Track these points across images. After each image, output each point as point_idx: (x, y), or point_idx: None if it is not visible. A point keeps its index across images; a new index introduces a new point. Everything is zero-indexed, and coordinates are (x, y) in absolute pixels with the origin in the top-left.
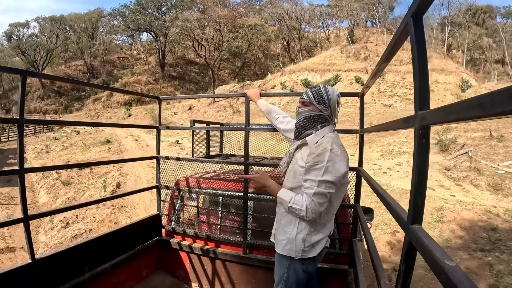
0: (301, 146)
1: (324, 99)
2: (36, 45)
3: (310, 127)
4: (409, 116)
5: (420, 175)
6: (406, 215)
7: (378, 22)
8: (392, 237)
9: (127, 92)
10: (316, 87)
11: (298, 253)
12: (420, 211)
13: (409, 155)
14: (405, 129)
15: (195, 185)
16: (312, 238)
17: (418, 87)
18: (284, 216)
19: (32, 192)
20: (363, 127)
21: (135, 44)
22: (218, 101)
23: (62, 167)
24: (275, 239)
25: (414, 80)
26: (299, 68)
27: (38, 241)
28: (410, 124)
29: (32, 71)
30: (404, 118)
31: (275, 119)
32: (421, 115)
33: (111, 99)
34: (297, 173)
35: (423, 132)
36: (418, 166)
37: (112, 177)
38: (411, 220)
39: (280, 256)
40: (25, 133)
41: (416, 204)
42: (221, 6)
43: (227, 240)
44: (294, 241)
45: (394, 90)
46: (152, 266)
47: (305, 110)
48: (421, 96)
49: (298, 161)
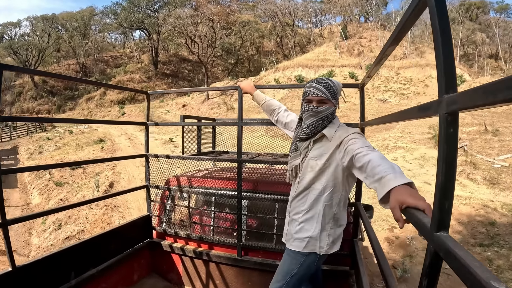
0: (315, 142)
1: (335, 93)
2: (28, 44)
3: (326, 124)
4: (429, 102)
5: (447, 173)
6: (428, 220)
7: (371, 18)
8: (390, 233)
9: (114, 87)
10: (323, 81)
11: (323, 249)
12: (447, 216)
13: (404, 150)
14: (423, 118)
15: (186, 184)
16: (335, 232)
17: (443, 66)
18: (305, 213)
19: (25, 194)
20: (363, 120)
21: (128, 42)
22: (211, 98)
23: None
24: (291, 238)
25: (437, 58)
26: (293, 64)
27: (31, 243)
28: (432, 111)
29: (9, 64)
30: (423, 105)
31: (276, 113)
32: (448, 99)
33: (104, 98)
34: (315, 168)
35: (451, 120)
36: (445, 161)
37: (105, 177)
38: (436, 226)
39: (293, 252)
40: (18, 134)
41: (442, 207)
42: (214, 3)
43: (221, 241)
44: (318, 238)
45: (388, 85)
46: (144, 269)
47: (325, 108)
48: (447, 76)
49: (314, 156)
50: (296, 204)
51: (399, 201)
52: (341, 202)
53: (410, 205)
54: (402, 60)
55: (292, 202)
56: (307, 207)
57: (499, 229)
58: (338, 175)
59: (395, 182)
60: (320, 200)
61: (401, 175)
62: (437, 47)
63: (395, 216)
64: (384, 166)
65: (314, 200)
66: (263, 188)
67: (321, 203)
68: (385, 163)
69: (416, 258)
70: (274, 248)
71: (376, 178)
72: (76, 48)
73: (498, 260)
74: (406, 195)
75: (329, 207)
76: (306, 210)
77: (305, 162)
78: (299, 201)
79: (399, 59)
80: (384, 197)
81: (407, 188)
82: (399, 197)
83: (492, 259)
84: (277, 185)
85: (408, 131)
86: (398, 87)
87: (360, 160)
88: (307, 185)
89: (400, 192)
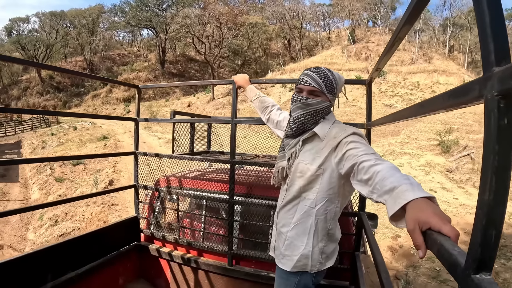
0: (305, 142)
1: (334, 87)
2: (36, 40)
3: (317, 121)
4: (468, 82)
5: (498, 187)
6: (461, 255)
7: (380, 22)
8: (393, 242)
9: (105, 79)
10: (321, 70)
11: (315, 267)
12: (492, 251)
13: (410, 156)
14: (457, 107)
15: (177, 185)
16: (329, 248)
17: (490, 25)
18: (294, 227)
19: (25, 188)
20: (370, 120)
21: (136, 41)
22: (217, 98)
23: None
24: (280, 254)
25: (479, 17)
26: (300, 67)
27: (26, 238)
28: (472, 95)
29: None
30: (458, 88)
31: (268, 111)
32: (501, 74)
33: (110, 96)
34: (306, 173)
35: (506, 105)
36: (495, 170)
37: (105, 174)
38: (475, 265)
39: (285, 273)
40: (23, 128)
41: (487, 237)
42: (222, 3)
43: (211, 248)
44: (310, 255)
45: (395, 90)
46: (130, 274)
47: (316, 102)
48: (495, 41)
49: (304, 159)
50: (284, 215)
51: (421, 220)
52: (337, 215)
53: (433, 227)
54: (409, 66)
55: (280, 212)
56: (297, 220)
57: (506, 241)
58: (334, 183)
59: (413, 194)
60: (312, 213)
61: (419, 187)
62: (481, 6)
63: (416, 242)
64: (397, 176)
65: (305, 212)
66: (258, 193)
67: (313, 217)
68: (398, 174)
69: (420, 269)
70: (268, 258)
71: (386, 189)
72: (84, 45)
73: (504, 273)
74: (429, 213)
75: (323, 221)
76: (296, 223)
77: (293, 165)
78: (287, 212)
79: (406, 64)
80: (397, 213)
81: (428, 202)
82: (420, 214)
83: (498, 271)
84: (273, 190)
85: (414, 137)
86: (405, 92)
87: (367, 171)
88: (297, 194)
89: (421, 207)
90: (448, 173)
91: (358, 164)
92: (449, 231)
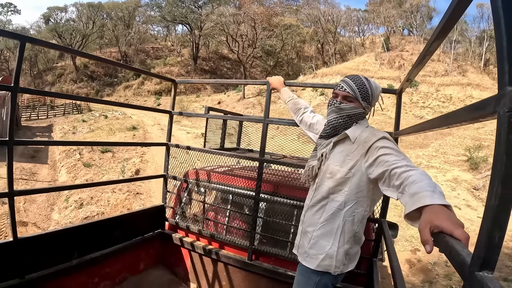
0: (337, 143)
1: (368, 95)
2: (73, 29)
3: (349, 126)
4: (485, 98)
5: (504, 194)
6: (468, 255)
7: (415, 31)
8: (412, 255)
9: (141, 71)
10: (358, 78)
11: (338, 268)
12: (495, 252)
13: (437, 170)
14: (475, 121)
15: (205, 178)
16: (353, 250)
17: (506, 48)
18: (321, 227)
19: (53, 171)
20: (398, 129)
21: (170, 36)
22: (247, 97)
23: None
24: (304, 253)
25: (497, 39)
26: (332, 71)
27: (51, 218)
28: (488, 110)
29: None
30: (476, 104)
31: (301, 113)
32: (511, 93)
33: (142, 88)
34: (336, 175)
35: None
36: (502, 179)
37: (133, 163)
38: (479, 263)
39: (308, 270)
40: (55, 113)
41: (491, 239)
42: (257, 3)
43: (232, 242)
44: (334, 256)
45: (427, 102)
46: (151, 260)
47: (349, 107)
48: (511, 62)
49: (335, 161)
50: (311, 215)
51: (433, 223)
52: (364, 219)
53: (445, 231)
54: (443, 77)
55: (307, 211)
56: (324, 220)
57: None
58: (363, 187)
59: (431, 200)
60: (340, 214)
61: (440, 195)
62: (498, 22)
63: (423, 238)
64: (424, 183)
65: (332, 213)
66: (283, 192)
67: (341, 218)
68: (426, 181)
69: (436, 286)
70: (287, 256)
71: (410, 193)
72: (119, 37)
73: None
74: (443, 218)
75: (350, 223)
76: (323, 223)
77: (324, 165)
78: (315, 212)
79: (440, 75)
80: (412, 213)
81: (443, 209)
82: (433, 217)
83: None
84: (298, 191)
85: (443, 151)
86: (436, 104)
87: (399, 177)
88: (326, 195)
89: (436, 212)
90: (474, 191)
91: (390, 171)
92: (460, 234)
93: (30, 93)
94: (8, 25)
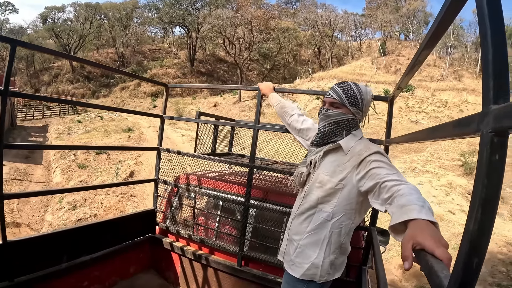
0: (328, 152)
1: (357, 100)
2: (70, 29)
3: (339, 133)
4: (469, 115)
5: (483, 217)
6: (446, 278)
7: (411, 36)
8: None
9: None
10: (345, 84)
11: (323, 277)
12: (473, 277)
13: (432, 174)
14: (459, 137)
15: (195, 183)
16: (339, 260)
17: (492, 63)
18: (308, 236)
19: (48, 171)
20: (389, 137)
21: (167, 37)
22: (243, 100)
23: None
24: (290, 260)
25: (483, 54)
26: (328, 75)
27: (44, 219)
28: (472, 128)
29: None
30: (460, 120)
31: (289, 116)
32: (497, 112)
33: (138, 89)
34: (326, 185)
35: (499, 142)
36: (482, 201)
37: (127, 165)
38: None
39: (294, 279)
40: (50, 113)
41: (469, 264)
42: (255, 6)
43: (222, 247)
44: (320, 266)
45: (423, 107)
46: (141, 264)
47: (336, 113)
48: (496, 78)
49: (325, 170)
50: (298, 223)
51: (415, 239)
52: (351, 230)
53: (427, 249)
54: (439, 82)
55: (294, 219)
56: (311, 230)
57: None
58: (352, 199)
59: (418, 214)
60: (327, 225)
61: (428, 211)
62: (485, 38)
63: (404, 253)
64: (414, 197)
65: (320, 224)
66: (273, 199)
67: (328, 229)
68: (416, 195)
69: None
70: (276, 263)
71: (398, 205)
72: (116, 38)
73: None
74: (426, 235)
75: (337, 235)
76: (310, 233)
77: (314, 174)
78: (302, 220)
79: (436, 80)
80: (397, 225)
81: (429, 226)
82: (417, 234)
83: None
84: (288, 197)
85: (437, 156)
86: (432, 109)
87: (388, 191)
88: (314, 204)
89: (420, 228)
90: (469, 196)
91: (381, 184)
92: (441, 254)
93: (20, 97)
94: (5, 23)
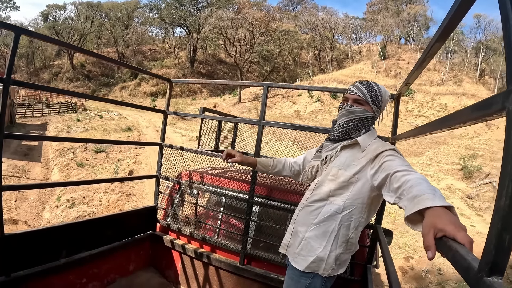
0: (344, 148)
1: (378, 99)
2: (71, 28)
3: (358, 130)
4: (491, 96)
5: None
6: (474, 260)
7: (412, 40)
8: (405, 263)
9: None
10: (368, 82)
11: (327, 271)
12: (506, 256)
13: (431, 178)
14: (480, 120)
15: (198, 180)
16: (344, 256)
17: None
18: (315, 228)
19: (46, 169)
20: (396, 133)
21: (168, 38)
22: (243, 102)
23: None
24: (294, 253)
25: (506, 36)
26: (328, 78)
27: (42, 217)
28: (495, 107)
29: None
30: (481, 102)
31: (289, 165)
32: None
33: (138, 89)
34: (339, 178)
35: None
36: None
37: (126, 164)
38: (487, 268)
39: (298, 273)
40: (50, 111)
41: (501, 242)
42: (256, 8)
43: (224, 245)
44: (325, 259)
45: (422, 110)
46: (141, 261)
47: (360, 110)
48: None
49: (340, 164)
50: (306, 215)
51: (436, 227)
52: (360, 226)
53: (448, 234)
54: (439, 86)
55: (302, 211)
56: (318, 222)
57: None
58: (364, 194)
59: (433, 202)
60: (337, 218)
61: (440, 197)
62: (505, 17)
63: (426, 243)
64: (423, 187)
65: (329, 216)
66: (277, 196)
67: (337, 222)
68: (425, 184)
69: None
70: (279, 261)
71: (409, 197)
72: (117, 37)
73: None
74: (446, 221)
75: (346, 228)
76: (317, 224)
77: (327, 167)
78: (310, 212)
79: (436, 84)
80: (413, 216)
81: (446, 212)
82: (437, 221)
83: None
84: (292, 195)
85: (437, 159)
86: (431, 113)
87: (398, 180)
88: (325, 196)
89: (438, 215)
90: (468, 200)
91: (391, 175)
92: (463, 238)
93: (22, 86)
94: (6, 21)
